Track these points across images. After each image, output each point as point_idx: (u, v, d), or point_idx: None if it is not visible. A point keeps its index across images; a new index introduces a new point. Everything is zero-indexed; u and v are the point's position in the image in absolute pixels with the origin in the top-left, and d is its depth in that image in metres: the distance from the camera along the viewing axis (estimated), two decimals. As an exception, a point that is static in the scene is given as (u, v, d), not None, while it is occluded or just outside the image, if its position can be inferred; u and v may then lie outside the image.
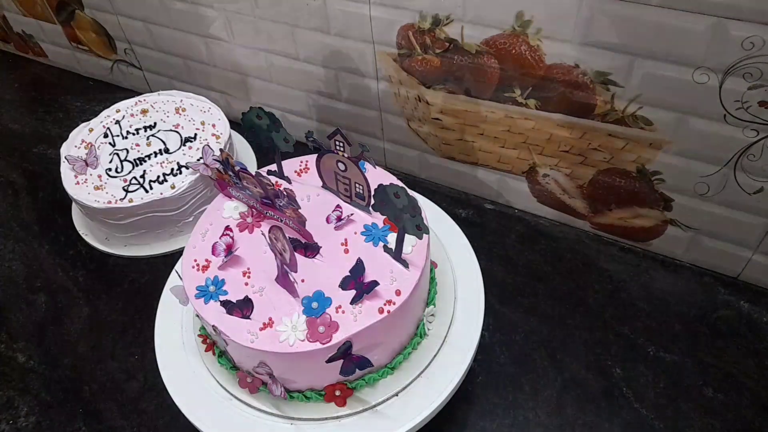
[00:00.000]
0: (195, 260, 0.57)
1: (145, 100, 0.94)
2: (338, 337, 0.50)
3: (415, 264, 0.54)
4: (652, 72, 0.61)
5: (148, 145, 0.87)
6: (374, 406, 0.55)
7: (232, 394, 0.57)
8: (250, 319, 0.52)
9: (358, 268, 0.52)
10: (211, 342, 0.59)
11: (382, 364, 0.56)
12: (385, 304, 0.51)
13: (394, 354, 0.56)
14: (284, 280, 0.53)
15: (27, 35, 1.25)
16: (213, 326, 0.52)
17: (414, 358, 0.57)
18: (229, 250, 0.57)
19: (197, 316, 0.57)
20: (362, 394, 0.55)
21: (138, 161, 0.84)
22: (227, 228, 0.59)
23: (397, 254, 0.54)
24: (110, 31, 1.08)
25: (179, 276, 0.56)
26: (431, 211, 0.70)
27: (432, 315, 0.60)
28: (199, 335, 0.61)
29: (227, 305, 0.53)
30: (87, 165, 0.84)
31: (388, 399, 0.55)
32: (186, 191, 0.80)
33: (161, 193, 0.79)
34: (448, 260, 0.65)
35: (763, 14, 0.52)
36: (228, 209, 0.61)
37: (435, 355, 0.58)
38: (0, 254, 0.88)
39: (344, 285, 0.52)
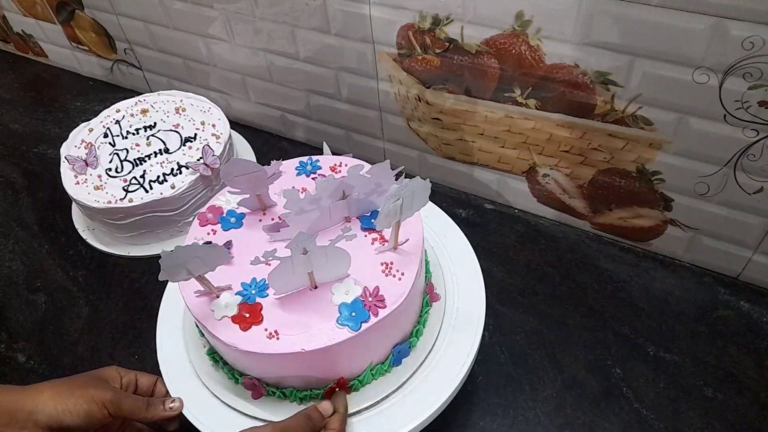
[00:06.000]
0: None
1: (145, 100, 0.94)
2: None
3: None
4: (652, 72, 0.61)
5: (148, 145, 0.87)
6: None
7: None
8: None
9: None
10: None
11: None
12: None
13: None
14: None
15: (27, 35, 1.25)
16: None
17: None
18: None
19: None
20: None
21: (138, 161, 0.84)
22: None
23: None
24: (110, 31, 1.08)
25: None
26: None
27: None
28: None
29: None
30: (87, 165, 0.84)
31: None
32: (186, 191, 0.80)
33: (161, 193, 0.79)
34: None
35: (763, 14, 0.52)
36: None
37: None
38: (0, 254, 0.89)
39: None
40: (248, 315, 0.52)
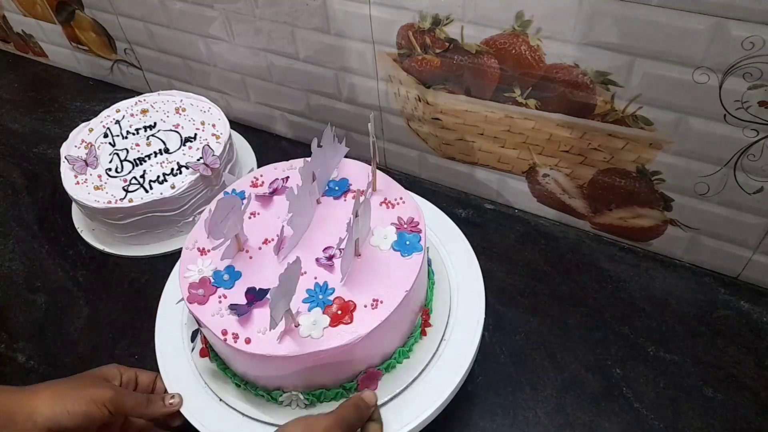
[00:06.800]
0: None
1: (145, 100, 0.94)
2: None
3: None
4: (652, 72, 0.61)
5: (148, 145, 0.87)
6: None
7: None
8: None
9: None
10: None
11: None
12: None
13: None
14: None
15: (27, 35, 1.25)
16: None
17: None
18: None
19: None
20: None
21: (138, 161, 0.84)
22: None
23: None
24: (110, 31, 1.08)
25: None
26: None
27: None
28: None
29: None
30: (87, 165, 0.84)
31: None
32: (186, 191, 0.80)
33: (161, 193, 0.79)
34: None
35: (763, 14, 0.52)
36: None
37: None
38: (0, 254, 0.89)
39: None
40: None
